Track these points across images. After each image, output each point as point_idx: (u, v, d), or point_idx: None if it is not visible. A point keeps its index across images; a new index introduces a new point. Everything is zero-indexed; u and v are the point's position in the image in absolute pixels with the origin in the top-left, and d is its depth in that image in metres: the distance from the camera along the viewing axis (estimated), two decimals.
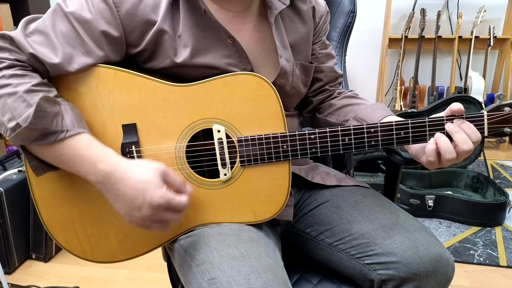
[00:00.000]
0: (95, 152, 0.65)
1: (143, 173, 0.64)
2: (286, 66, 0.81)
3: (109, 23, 0.69)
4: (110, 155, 0.65)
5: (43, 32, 0.68)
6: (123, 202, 0.65)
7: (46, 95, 0.64)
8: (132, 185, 0.63)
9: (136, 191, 0.63)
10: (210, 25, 0.75)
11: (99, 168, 0.64)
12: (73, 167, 0.66)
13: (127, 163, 0.65)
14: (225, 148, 0.73)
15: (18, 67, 0.66)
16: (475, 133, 0.69)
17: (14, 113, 0.62)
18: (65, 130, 0.65)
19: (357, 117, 0.85)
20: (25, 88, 0.64)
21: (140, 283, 1.61)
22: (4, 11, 2.01)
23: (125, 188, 0.63)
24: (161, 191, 0.63)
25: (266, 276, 0.65)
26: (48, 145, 0.65)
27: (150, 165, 0.65)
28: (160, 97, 0.71)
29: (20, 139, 0.64)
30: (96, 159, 0.64)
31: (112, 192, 0.65)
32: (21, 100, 0.63)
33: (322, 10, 0.90)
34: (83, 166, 0.65)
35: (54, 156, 0.66)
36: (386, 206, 0.82)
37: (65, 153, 0.65)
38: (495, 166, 2.63)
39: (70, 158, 0.65)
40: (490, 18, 2.84)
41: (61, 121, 0.65)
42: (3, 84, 0.64)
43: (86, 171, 0.65)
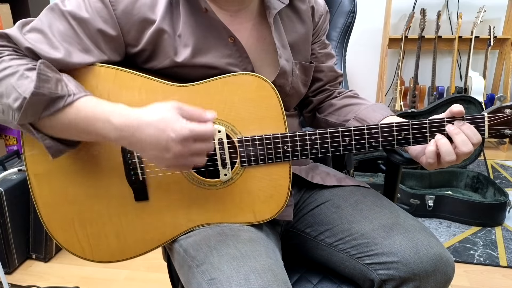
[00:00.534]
0: (107, 108, 0.64)
1: (158, 113, 0.62)
2: (286, 66, 0.81)
3: (105, 22, 0.69)
4: (121, 107, 0.64)
5: (40, 30, 0.68)
6: (150, 148, 0.62)
7: (45, 61, 0.64)
8: (151, 127, 0.61)
9: (157, 131, 0.61)
10: (211, 25, 0.75)
11: (114, 122, 0.62)
12: (89, 130, 0.64)
13: (139, 110, 0.63)
14: (226, 149, 0.73)
15: (16, 54, 0.67)
16: (476, 134, 0.69)
17: (19, 90, 0.62)
18: (72, 94, 0.64)
19: (357, 117, 0.85)
20: (26, 67, 0.64)
21: (140, 283, 1.61)
22: (4, 11, 2.01)
23: (146, 132, 0.61)
24: (182, 123, 0.61)
25: (266, 276, 0.65)
26: (59, 112, 0.63)
27: (162, 105, 0.63)
28: (160, 97, 0.71)
29: (29, 114, 0.62)
30: (109, 115, 0.63)
31: (136, 142, 0.62)
32: (24, 77, 0.62)
33: (321, 9, 0.90)
34: (98, 125, 0.63)
35: (67, 123, 0.64)
36: (386, 206, 0.82)
37: (77, 117, 0.64)
38: (495, 166, 2.63)
39: (83, 120, 0.64)
40: (490, 18, 2.84)
41: (66, 87, 0.64)
42: (4, 67, 0.64)
43: (102, 129, 0.63)
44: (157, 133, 0.60)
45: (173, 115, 0.62)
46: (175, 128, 0.60)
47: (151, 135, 0.61)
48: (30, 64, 0.65)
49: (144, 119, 0.62)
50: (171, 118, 0.61)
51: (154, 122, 0.61)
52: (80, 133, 0.65)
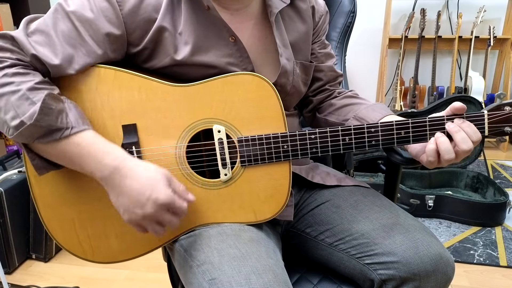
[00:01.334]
0: (101, 147, 0.65)
1: (152, 172, 0.64)
2: (287, 65, 0.81)
3: (110, 22, 0.69)
4: (117, 150, 0.65)
5: (44, 32, 0.68)
6: (127, 198, 0.64)
7: (50, 92, 0.64)
8: (141, 180, 0.63)
9: (144, 186, 0.63)
10: (212, 23, 0.75)
11: (106, 162, 0.64)
12: (79, 164, 0.66)
13: (134, 160, 0.65)
14: (226, 148, 0.73)
15: (20, 66, 0.66)
16: (476, 133, 0.69)
17: (18, 111, 0.62)
18: (70, 127, 0.64)
19: (357, 116, 0.85)
20: (28, 86, 0.63)
21: (140, 283, 1.61)
22: (4, 11, 2.01)
23: (134, 182, 0.63)
24: (168, 191, 0.64)
25: (267, 276, 0.65)
26: (53, 142, 0.64)
27: (156, 167, 0.66)
28: (160, 97, 0.71)
29: (24, 137, 0.63)
30: (103, 155, 0.64)
31: (117, 187, 0.64)
32: (25, 98, 0.62)
33: (322, 10, 0.90)
34: (89, 162, 0.65)
35: (58, 153, 0.66)
36: (386, 206, 0.82)
37: (70, 150, 0.65)
38: (495, 166, 2.64)
39: (75, 155, 0.65)
40: (490, 18, 2.85)
41: (66, 118, 0.65)
42: (6, 83, 0.63)
43: (92, 167, 0.65)
44: (142, 188, 0.63)
45: (164, 180, 0.64)
46: (160, 192, 0.63)
47: (135, 188, 0.63)
48: (33, 82, 0.64)
49: (138, 170, 0.64)
50: (161, 181, 0.64)
51: (145, 177, 0.63)
52: (70, 164, 0.67)
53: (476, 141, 0.69)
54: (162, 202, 0.63)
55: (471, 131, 0.69)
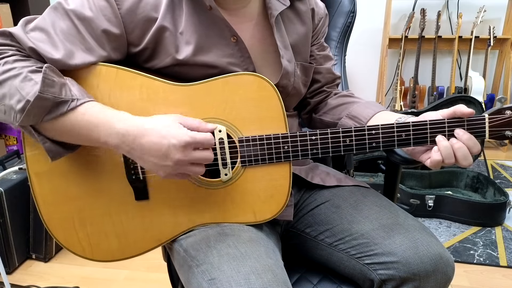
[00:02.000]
0: (110, 113, 0.65)
1: (161, 121, 0.64)
2: (288, 66, 0.81)
3: (109, 20, 0.69)
4: (125, 114, 0.65)
5: (43, 29, 0.68)
6: (150, 155, 0.63)
7: (50, 65, 0.64)
8: (154, 133, 0.62)
9: (159, 137, 0.62)
10: (214, 23, 0.75)
11: (117, 127, 0.63)
12: (90, 136, 0.65)
13: (143, 118, 0.65)
14: (226, 148, 0.73)
15: (19, 55, 0.66)
16: (476, 145, 0.70)
17: (22, 92, 0.62)
18: (76, 99, 0.64)
19: (350, 114, 0.85)
20: (30, 69, 0.64)
21: (140, 283, 1.61)
22: (4, 11, 2.01)
23: (148, 138, 0.62)
24: (183, 131, 0.63)
25: (266, 276, 0.65)
26: (61, 116, 0.64)
27: (164, 115, 0.65)
28: (161, 97, 0.71)
29: (31, 116, 0.62)
30: (112, 120, 0.64)
31: (137, 148, 0.63)
32: (28, 79, 0.62)
33: (321, 12, 0.90)
34: (101, 130, 0.64)
35: (68, 128, 0.65)
36: (386, 206, 0.82)
37: (80, 120, 0.64)
38: (495, 166, 2.63)
39: (86, 126, 0.64)
40: (490, 18, 2.84)
41: (70, 92, 0.65)
42: (8, 69, 0.64)
43: (104, 134, 0.64)
44: (158, 139, 0.62)
45: (175, 124, 0.64)
46: (176, 135, 0.62)
47: (153, 141, 0.62)
48: (34, 66, 0.65)
49: (147, 125, 0.63)
50: (173, 126, 0.63)
51: (156, 128, 0.62)
52: (81, 138, 0.66)
53: (476, 152, 0.70)
54: (182, 144, 0.62)
55: (471, 144, 0.69)
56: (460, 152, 0.69)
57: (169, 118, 0.65)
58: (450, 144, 0.69)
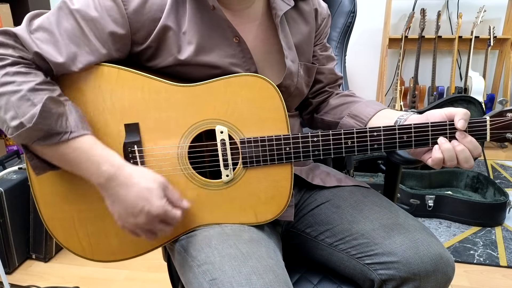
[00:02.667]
0: (99, 153, 0.65)
1: (147, 182, 0.65)
2: (292, 67, 0.81)
3: (115, 21, 0.69)
4: (114, 157, 0.66)
5: (48, 30, 0.67)
6: (121, 206, 0.66)
7: (51, 95, 0.64)
8: (135, 191, 0.64)
9: (137, 198, 0.64)
10: (217, 23, 0.74)
11: (103, 169, 0.64)
12: (76, 168, 0.66)
13: (131, 168, 0.66)
14: (228, 149, 0.73)
15: (21, 64, 0.65)
16: (477, 148, 0.70)
17: (18, 111, 0.62)
18: (69, 132, 0.65)
19: (351, 113, 0.85)
20: (29, 86, 0.63)
21: (140, 283, 1.61)
22: (4, 11, 2.01)
23: (128, 192, 0.64)
24: (161, 202, 0.65)
25: (268, 276, 0.65)
26: (51, 145, 0.65)
27: (153, 175, 0.67)
28: (163, 97, 0.71)
29: (22, 138, 0.64)
30: (100, 161, 0.65)
31: (113, 195, 0.66)
32: (25, 99, 0.62)
33: (325, 13, 0.90)
34: (86, 167, 0.65)
35: (56, 156, 0.66)
36: (386, 206, 0.82)
37: (68, 153, 0.65)
38: (495, 166, 2.64)
39: (73, 159, 0.65)
40: (490, 18, 2.85)
41: (65, 122, 0.65)
42: (7, 82, 0.63)
43: (89, 172, 0.65)
44: (136, 199, 0.64)
45: (158, 190, 0.65)
46: (154, 204, 0.65)
47: (131, 198, 0.64)
48: (34, 82, 0.64)
49: (132, 181, 0.65)
50: (155, 192, 0.65)
51: (139, 188, 0.64)
52: (67, 167, 0.68)
53: (477, 155, 0.70)
54: (154, 215, 0.65)
55: (472, 146, 0.69)
56: (462, 154, 0.69)
57: (156, 182, 0.66)
58: (452, 146, 0.70)
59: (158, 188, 0.65)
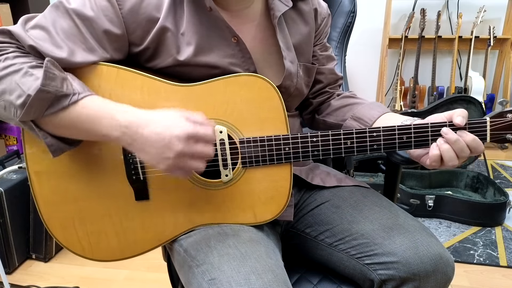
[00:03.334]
0: (112, 106, 0.65)
1: (165, 113, 0.63)
2: (291, 68, 0.81)
3: (111, 21, 0.69)
4: (127, 106, 0.65)
5: (44, 28, 0.67)
6: (151, 146, 0.62)
7: (52, 60, 0.64)
8: (157, 123, 0.62)
9: (162, 127, 0.61)
10: (215, 24, 0.75)
11: (120, 119, 0.63)
12: (92, 128, 0.64)
13: (146, 110, 0.64)
14: (227, 149, 0.73)
15: (21, 51, 0.66)
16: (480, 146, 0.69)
17: (23, 87, 0.61)
18: (77, 93, 0.64)
19: (354, 116, 0.85)
20: (30, 64, 0.63)
21: (140, 283, 1.61)
22: (4, 11, 2.01)
23: (151, 128, 0.62)
24: (186, 122, 0.62)
25: (267, 276, 0.65)
26: (63, 110, 0.64)
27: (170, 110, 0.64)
28: (162, 97, 0.71)
29: (33, 110, 0.62)
30: (115, 112, 0.63)
31: (138, 140, 0.62)
32: (28, 74, 0.62)
33: (324, 13, 0.90)
34: (103, 123, 0.63)
35: (70, 122, 0.64)
36: (386, 206, 0.82)
37: (81, 115, 0.64)
38: (495, 166, 2.64)
39: (87, 119, 0.64)
40: (490, 18, 2.84)
41: (71, 86, 0.64)
42: (8, 64, 0.63)
43: (106, 127, 0.63)
44: (162, 129, 0.61)
45: (179, 116, 0.63)
46: (179, 126, 0.61)
47: (156, 131, 0.61)
48: (35, 62, 0.65)
49: (150, 116, 0.63)
50: (176, 117, 0.63)
51: (159, 119, 0.62)
52: (82, 132, 0.65)
53: (479, 152, 0.70)
54: (184, 135, 0.61)
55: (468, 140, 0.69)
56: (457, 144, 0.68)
57: (174, 111, 0.64)
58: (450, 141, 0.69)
59: (177, 114, 0.63)
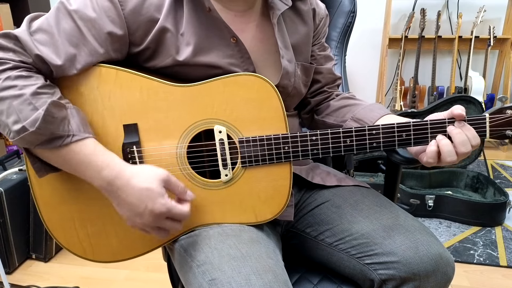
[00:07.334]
0: (100, 158, 0.66)
1: (145, 181, 0.65)
2: (288, 67, 0.81)
3: (113, 21, 0.69)
4: (115, 161, 0.66)
5: (47, 31, 0.67)
6: (126, 208, 0.66)
7: (53, 99, 0.64)
8: (135, 193, 0.64)
9: (138, 199, 0.64)
10: (214, 24, 0.75)
11: (104, 174, 0.65)
12: (78, 172, 0.67)
13: (130, 170, 0.66)
14: (226, 149, 0.73)
15: (22, 68, 0.66)
16: (475, 138, 0.70)
17: (20, 115, 0.62)
18: (71, 135, 0.65)
19: (354, 117, 0.85)
20: (31, 90, 0.63)
21: (140, 283, 1.61)
22: (4, 11, 2.01)
23: (128, 195, 0.65)
24: (163, 200, 0.65)
25: (267, 276, 0.65)
26: (54, 149, 0.65)
27: (153, 172, 0.66)
28: (161, 97, 0.71)
29: (25, 142, 0.64)
30: (101, 166, 0.65)
31: (116, 198, 0.66)
32: (27, 103, 0.63)
33: (322, 13, 0.90)
34: (88, 171, 0.66)
35: (58, 159, 0.67)
36: (386, 206, 0.82)
37: (70, 157, 0.66)
38: (495, 166, 2.64)
39: (75, 163, 0.66)
40: (490, 18, 2.85)
41: (68, 126, 0.65)
42: (9, 86, 0.63)
43: (91, 176, 0.66)
44: (137, 201, 0.65)
45: (158, 188, 0.65)
46: (155, 203, 0.64)
47: (131, 200, 0.65)
48: (35, 86, 0.64)
49: (132, 183, 0.65)
50: (155, 191, 0.65)
51: (139, 190, 0.65)
52: (69, 170, 0.68)
53: (475, 145, 0.70)
54: (158, 212, 0.65)
55: (471, 136, 0.69)
56: (459, 137, 0.69)
57: (156, 179, 0.65)
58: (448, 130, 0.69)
59: (158, 185, 0.65)
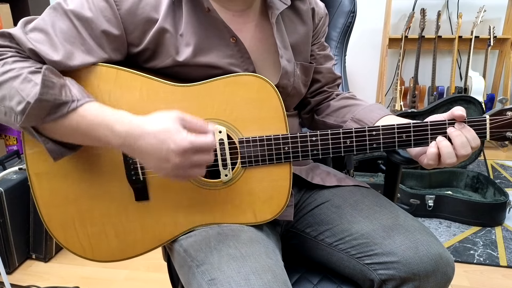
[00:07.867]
0: (109, 115, 0.64)
1: (160, 123, 0.62)
2: (287, 66, 0.81)
3: (109, 21, 0.69)
4: (124, 115, 0.64)
5: (43, 30, 0.67)
6: (150, 157, 0.63)
7: (50, 66, 0.64)
8: (152, 137, 0.62)
9: (158, 142, 0.61)
10: (213, 24, 0.75)
11: (117, 130, 0.63)
12: (91, 136, 0.64)
13: (142, 118, 0.64)
14: (226, 149, 0.73)
15: (19, 55, 0.66)
16: (475, 139, 0.69)
17: (22, 94, 0.62)
18: (76, 100, 0.64)
19: (354, 118, 0.85)
20: (30, 69, 0.63)
21: (140, 283, 1.61)
22: (4, 11, 2.01)
23: (147, 142, 0.62)
24: (182, 135, 0.62)
25: (266, 276, 0.65)
26: (62, 118, 0.64)
27: (165, 114, 0.64)
28: (161, 97, 0.71)
29: (32, 117, 0.62)
30: (113, 122, 0.63)
31: (137, 151, 0.63)
32: (27, 80, 0.62)
33: (322, 12, 0.90)
34: (101, 132, 0.63)
35: (69, 129, 0.65)
36: (386, 206, 0.82)
37: (79, 122, 0.64)
38: (495, 166, 2.63)
39: (86, 127, 0.64)
40: (490, 18, 2.84)
41: (70, 92, 0.64)
42: (7, 70, 0.63)
43: (105, 136, 0.63)
44: (157, 144, 0.61)
45: (175, 126, 0.62)
46: (175, 140, 0.61)
47: (152, 145, 0.61)
48: (33, 67, 0.64)
49: (146, 128, 0.62)
50: (172, 129, 0.62)
51: (155, 132, 0.62)
52: (83, 138, 0.66)
53: (475, 147, 0.70)
54: (182, 149, 0.61)
55: (470, 137, 0.69)
56: (459, 139, 0.69)
57: (170, 119, 0.63)
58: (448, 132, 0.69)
59: (174, 123, 0.62)
